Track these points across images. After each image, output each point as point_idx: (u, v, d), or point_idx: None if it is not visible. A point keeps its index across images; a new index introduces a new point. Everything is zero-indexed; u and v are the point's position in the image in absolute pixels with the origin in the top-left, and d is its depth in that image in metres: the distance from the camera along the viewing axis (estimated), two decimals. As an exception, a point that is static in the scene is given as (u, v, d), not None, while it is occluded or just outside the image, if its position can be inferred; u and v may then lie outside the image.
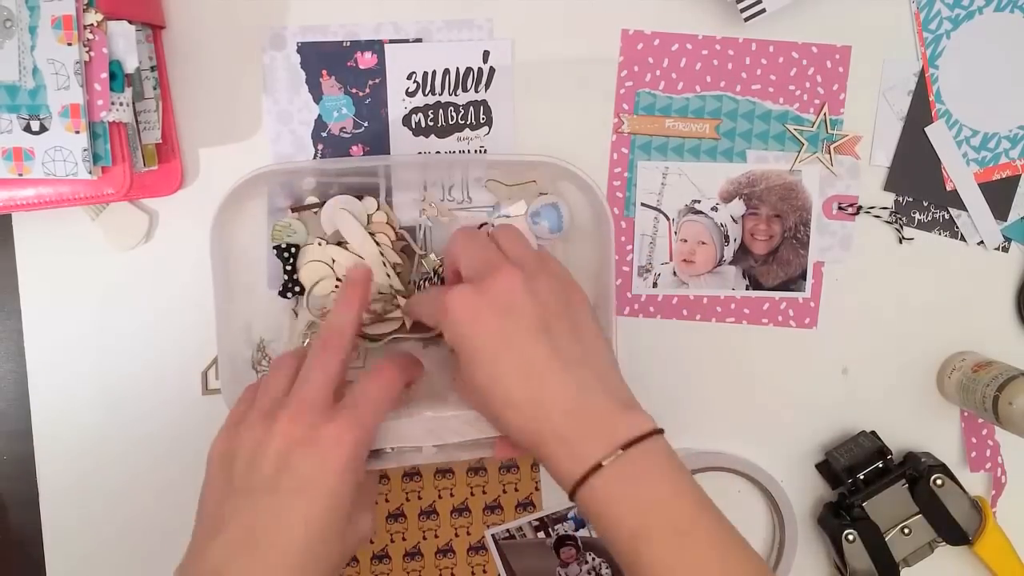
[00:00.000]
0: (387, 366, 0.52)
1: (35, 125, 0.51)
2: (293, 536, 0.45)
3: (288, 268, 0.60)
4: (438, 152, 0.62)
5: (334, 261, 0.60)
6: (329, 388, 0.49)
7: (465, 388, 0.50)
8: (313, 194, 0.61)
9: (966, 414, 0.66)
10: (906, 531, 0.64)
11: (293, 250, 0.60)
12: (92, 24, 0.51)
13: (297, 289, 0.60)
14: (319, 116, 0.62)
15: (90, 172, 0.52)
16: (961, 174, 0.64)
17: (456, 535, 0.66)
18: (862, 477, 0.64)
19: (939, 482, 0.63)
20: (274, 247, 0.60)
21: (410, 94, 0.62)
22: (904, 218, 0.65)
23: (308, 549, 0.45)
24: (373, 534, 0.55)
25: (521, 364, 0.47)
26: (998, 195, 0.64)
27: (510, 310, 0.47)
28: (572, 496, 0.46)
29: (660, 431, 0.47)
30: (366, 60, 0.61)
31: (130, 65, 0.53)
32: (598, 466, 0.45)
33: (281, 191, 0.61)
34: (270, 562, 0.44)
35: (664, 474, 0.46)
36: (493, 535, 0.66)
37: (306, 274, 0.60)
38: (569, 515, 0.66)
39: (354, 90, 0.62)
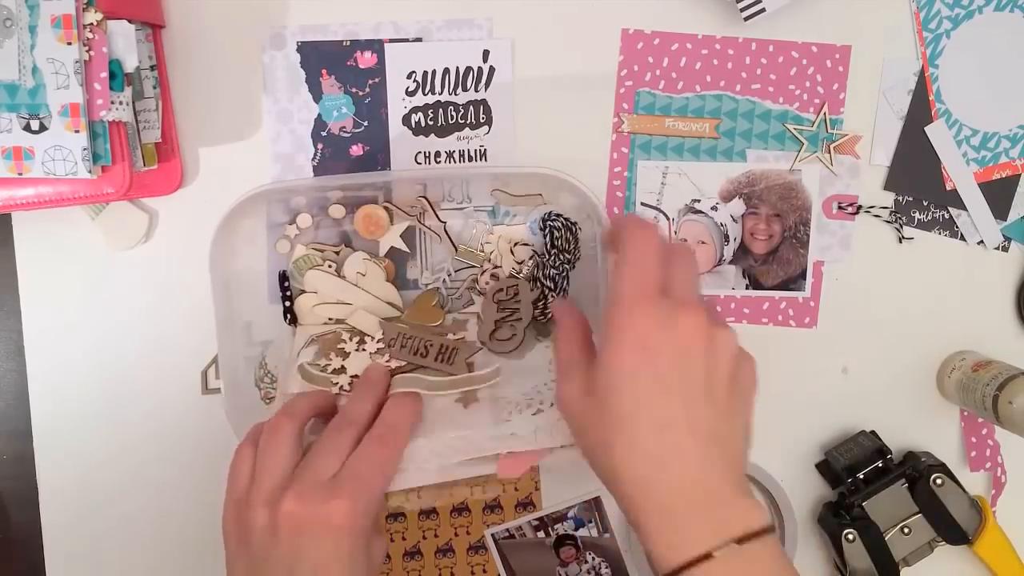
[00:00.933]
0: (393, 429, 0.51)
1: (35, 124, 0.51)
2: None
3: (288, 295, 0.60)
4: (438, 152, 0.62)
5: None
6: (333, 468, 0.49)
7: (579, 400, 0.45)
8: (311, 204, 0.60)
9: (966, 414, 0.66)
10: (906, 531, 0.64)
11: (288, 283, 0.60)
12: (92, 23, 0.51)
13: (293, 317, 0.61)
14: (319, 115, 0.62)
15: (90, 171, 0.52)
16: (961, 173, 0.64)
17: (456, 535, 0.66)
18: (862, 477, 0.64)
19: (939, 482, 0.63)
20: (280, 273, 0.60)
21: (410, 93, 0.62)
22: (904, 218, 0.65)
23: None
24: (386, 555, 0.55)
25: (666, 416, 0.42)
26: (998, 195, 0.64)
27: (687, 356, 0.43)
28: None
29: (773, 528, 0.43)
30: (366, 59, 0.61)
31: (130, 64, 0.53)
32: (707, 556, 0.41)
33: (280, 205, 0.60)
34: None
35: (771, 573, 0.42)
36: (493, 535, 0.66)
37: (305, 301, 0.60)
38: (569, 515, 0.66)
39: (354, 89, 0.62)
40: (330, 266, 0.59)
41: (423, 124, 0.62)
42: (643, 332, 0.43)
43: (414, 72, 0.61)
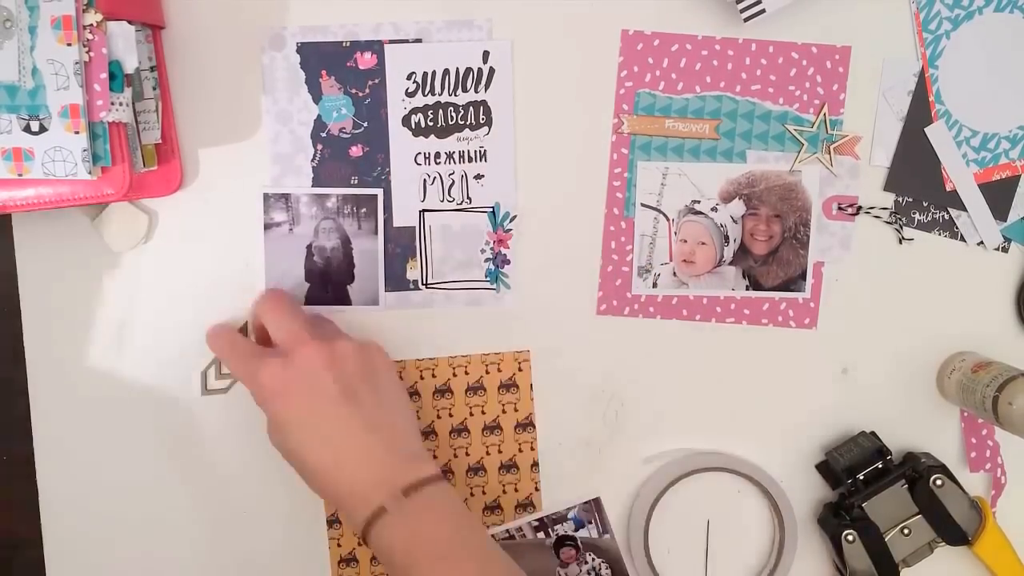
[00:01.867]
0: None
1: (35, 125, 0.51)
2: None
3: None
4: (438, 153, 0.62)
5: None
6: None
7: (278, 446, 0.56)
8: (310, 202, 0.60)
9: (966, 414, 0.66)
10: (906, 531, 0.64)
11: None
12: (92, 24, 0.51)
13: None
14: (318, 116, 0.62)
15: (90, 172, 0.52)
16: (961, 174, 0.64)
17: (456, 535, 0.66)
18: (862, 477, 0.64)
19: (939, 482, 0.63)
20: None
21: (410, 94, 0.62)
22: (904, 218, 0.65)
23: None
24: None
25: (327, 433, 0.54)
26: (998, 195, 0.64)
27: (315, 384, 0.54)
28: (365, 541, 0.53)
29: (439, 477, 0.54)
30: (366, 60, 0.61)
31: (130, 65, 0.53)
32: (382, 510, 0.52)
33: (276, 203, 0.61)
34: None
35: (440, 512, 0.53)
36: (493, 535, 0.66)
37: None
38: (569, 515, 0.66)
39: (354, 90, 0.62)
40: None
41: (423, 125, 0.62)
42: (271, 382, 0.54)
43: (414, 73, 0.61)
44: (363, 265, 0.63)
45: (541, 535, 0.66)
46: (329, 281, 0.63)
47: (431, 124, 0.62)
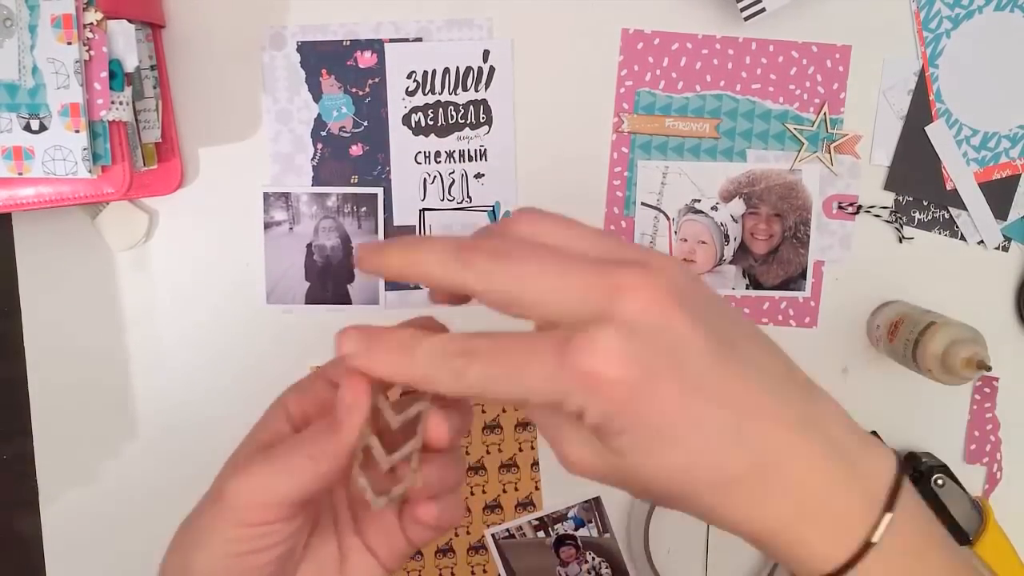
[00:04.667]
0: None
1: (35, 124, 0.51)
2: None
3: None
4: (438, 152, 0.62)
5: None
6: None
7: (593, 461, 0.34)
8: (310, 201, 0.60)
9: (974, 407, 0.66)
10: (906, 531, 0.64)
11: None
12: (92, 23, 0.51)
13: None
14: (319, 115, 0.62)
15: (90, 171, 0.52)
16: (961, 173, 0.64)
17: (456, 534, 0.66)
18: (862, 477, 0.63)
19: (940, 482, 0.63)
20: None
21: (410, 93, 0.62)
22: (904, 217, 0.65)
23: None
24: None
25: (725, 416, 0.30)
26: (998, 194, 0.64)
27: (680, 343, 0.30)
28: None
29: (902, 464, 0.34)
30: (366, 59, 0.61)
31: (130, 64, 0.53)
32: (868, 545, 0.31)
33: (276, 202, 0.61)
34: None
35: (934, 538, 0.33)
36: (493, 535, 0.66)
37: None
38: (569, 514, 0.66)
39: (354, 89, 0.62)
40: None
41: (423, 124, 0.62)
42: (619, 368, 0.29)
43: (414, 72, 0.61)
44: None
45: (541, 534, 0.66)
46: (329, 280, 0.63)
47: (431, 123, 0.62)
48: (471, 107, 0.62)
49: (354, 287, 0.63)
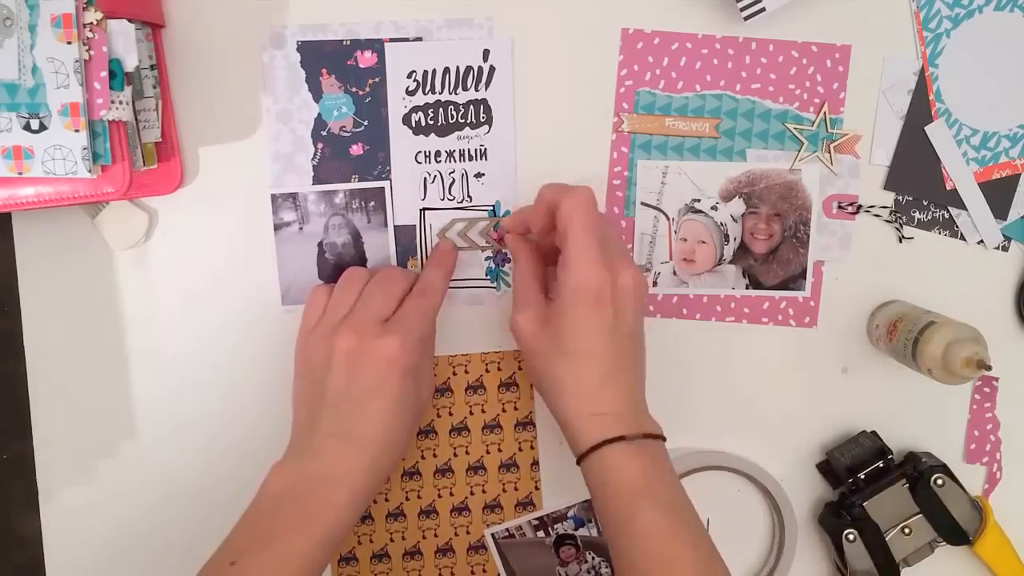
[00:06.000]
0: (434, 281, 0.59)
1: (34, 124, 0.51)
2: (375, 427, 0.55)
3: None
4: (438, 152, 0.62)
5: None
6: (384, 312, 0.57)
7: (533, 330, 0.57)
8: (317, 200, 0.61)
9: (974, 407, 0.66)
10: (907, 531, 0.64)
11: None
12: (92, 22, 0.51)
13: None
14: (319, 115, 0.62)
15: (90, 171, 0.52)
16: (961, 173, 0.64)
17: (456, 534, 0.66)
18: (863, 477, 0.64)
19: (940, 482, 0.63)
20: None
21: (410, 93, 0.62)
22: (904, 217, 0.65)
23: (389, 430, 0.55)
24: (434, 388, 0.64)
25: (606, 355, 0.54)
26: (998, 194, 0.64)
27: (625, 305, 0.54)
28: (583, 457, 0.54)
29: (665, 439, 0.56)
30: (366, 59, 0.61)
31: (130, 64, 0.53)
32: (621, 438, 0.53)
33: (284, 202, 0.61)
34: (363, 446, 0.55)
35: (664, 465, 0.54)
36: (493, 534, 0.66)
37: None
38: (569, 514, 0.66)
39: (354, 89, 0.62)
40: None
41: (423, 123, 0.62)
42: (596, 286, 0.53)
43: (414, 71, 0.61)
44: (375, 259, 0.63)
45: (541, 534, 0.66)
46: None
47: (431, 122, 0.62)
48: (471, 107, 0.62)
49: None
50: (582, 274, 0.53)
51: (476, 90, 0.62)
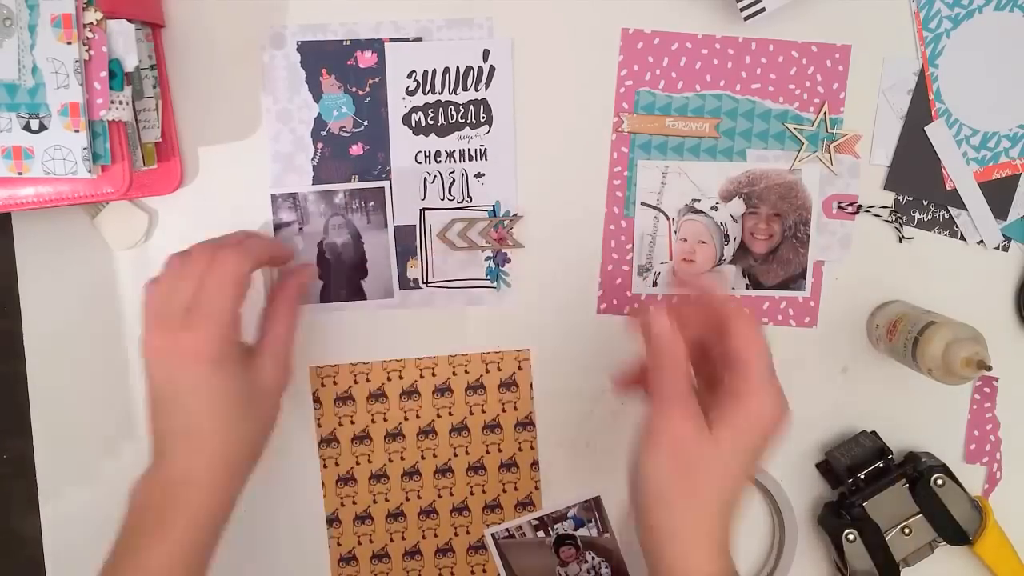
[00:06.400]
0: (226, 255, 0.53)
1: (34, 124, 0.51)
2: (209, 422, 0.52)
3: None
4: (438, 152, 0.62)
5: None
6: (186, 300, 0.52)
7: (695, 437, 0.48)
8: (317, 200, 0.61)
9: (974, 407, 0.66)
10: (906, 531, 0.64)
11: None
12: (92, 23, 0.51)
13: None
14: (319, 115, 0.62)
15: (89, 171, 0.52)
16: (961, 173, 0.64)
17: (456, 534, 0.66)
18: (863, 477, 0.64)
19: (940, 482, 0.63)
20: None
21: (410, 93, 0.62)
22: (904, 217, 0.65)
23: (225, 422, 0.53)
24: (292, 374, 0.58)
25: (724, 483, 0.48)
26: (998, 194, 0.64)
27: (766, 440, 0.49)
28: None
29: None
30: (366, 59, 0.61)
31: (130, 64, 0.53)
32: None
33: (284, 203, 0.61)
34: (202, 441, 0.52)
35: None
36: (493, 534, 0.66)
37: None
38: (569, 514, 0.66)
39: (354, 89, 0.62)
40: None
41: (423, 123, 0.62)
42: (779, 423, 0.49)
43: (414, 71, 0.61)
44: (375, 259, 0.63)
45: (541, 534, 0.66)
46: (343, 277, 0.63)
47: (431, 122, 0.62)
48: (471, 107, 0.62)
49: (368, 283, 0.63)
50: (768, 407, 0.48)
51: (476, 90, 0.62)
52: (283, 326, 0.58)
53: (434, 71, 0.61)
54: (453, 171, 0.63)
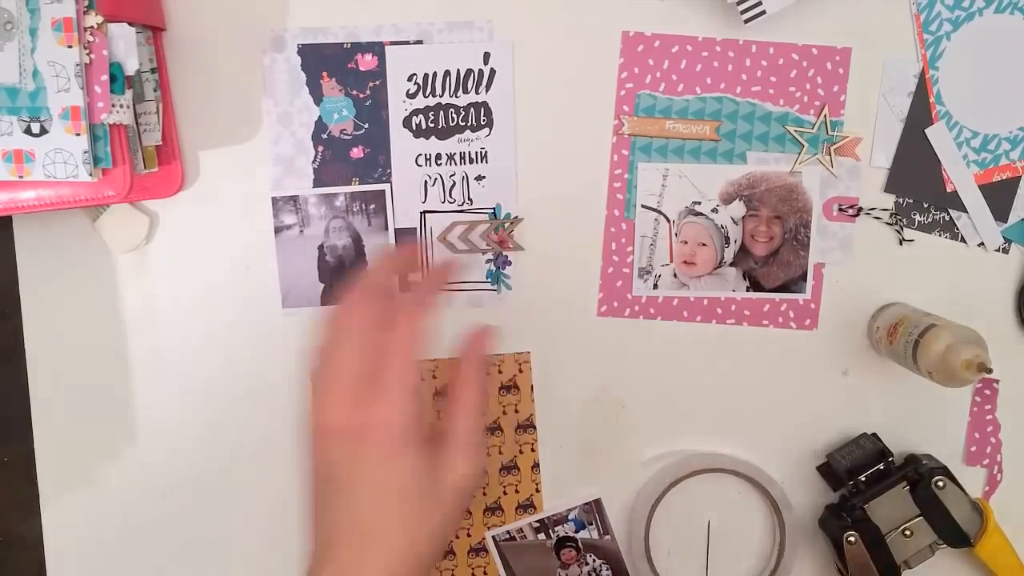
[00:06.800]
0: (406, 323, 0.46)
1: (35, 127, 0.51)
2: (386, 511, 0.44)
3: None
4: (439, 154, 0.62)
5: None
6: (369, 367, 0.45)
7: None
8: (318, 202, 0.61)
9: (975, 409, 0.66)
10: (907, 533, 0.64)
11: None
12: (92, 26, 0.51)
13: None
14: (319, 118, 0.62)
15: (90, 174, 0.52)
16: (961, 176, 0.64)
17: (456, 536, 0.66)
18: (863, 479, 0.64)
19: (940, 484, 0.63)
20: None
21: (411, 96, 0.62)
22: (904, 220, 0.65)
23: (403, 512, 0.44)
24: (482, 466, 0.48)
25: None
26: (998, 197, 0.64)
27: None
28: None
29: None
30: (367, 62, 0.61)
31: (130, 67, 0.53)
32: None
33: (285, 205, 0.61)
34: (377, 540, 0.44)
35: None
36: (494, 537, 0.66)
37: None
38: (570, 517, 0.66)
39: (355, 92, 0.62)
40: None
41: (424, 126, 0.62)
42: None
43: (415, 74, 0.61)
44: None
45: (542, 536, 0.66)
46: (343, 280, 0.63)
47: (432, 125, 0.62)
48: (472, 109, 0.62)
49: None
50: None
51: (477, 93, 0.62)
52: (476, 409, 0.47)
53: (435, 74, 0.61)
54: (454, 174, 0.63)
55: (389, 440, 0.44)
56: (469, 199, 0.63)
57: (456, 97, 0.62)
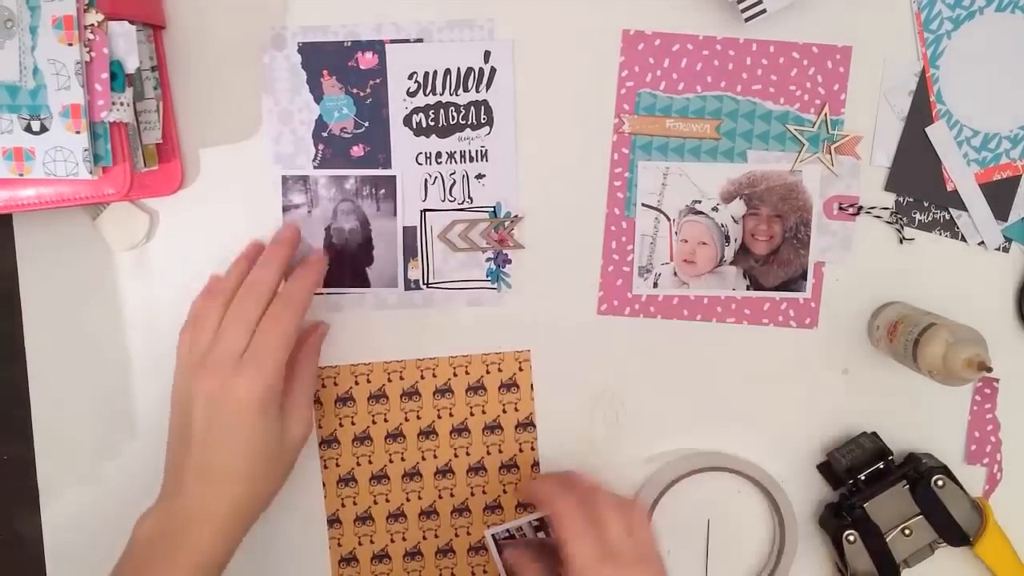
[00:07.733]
0: (293, 296, 0.57)
1: (36, 125, 0.51)
2: (234, 464, 0.55)
3: None
4: (439, 153, 0.62)
5: None
6: (239, 346, 0.55)
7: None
8: (328, 184, 0.61)
9: (975, 408, 0.66)
10: (907, 532, 0.64)
11: None
12: (93, 24, 0.51)
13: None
14: (320, 116, 0.62)
15: (91, 172, 0.52)
16: (962, 174, 0.64)
17: (456, 535, 0.66)
18: (863, 478, 0.64)
19: (940, 483, 0.63)
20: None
21: (411, 94, 0.62)
22: (905, 218, 0.65)
23: (249, 465, 0.55)
24: (312, 427, 0.61)
25: None
26: (999, 195, 0.64)
27: None
28: None
29: None
30: (367, 60, 0.61)
31: (131, 65, 0.53)
32: None
33: (295, 185, 0.61)
34: (223, 483, 0.55)
35: None
36: (493, 535, 0.66)
37: None
38: (569, 515, 0.66)
39: (355, 90, 0.62)
40: None
41: (424, 125, 0.62)
42: None
43: (415, 73, 0.61)
44: (382, 247, 0.63)
45: (541, 535, 0.66)
46: (348, 263, 0.63)
47: (432, 124, 0.62)
48: (472, 108, 0.62)
49: (373, 269, 0.63)
50: None
51: (477, 91, 0.62)
52: (308, 376, 0.60)
53: (435, 72, 0.61)
54: (454, 172, 0.63)
55: (253, 405, 0.54)
56: (469, 197, 0.63)
57: (456, 95, 0.62)
